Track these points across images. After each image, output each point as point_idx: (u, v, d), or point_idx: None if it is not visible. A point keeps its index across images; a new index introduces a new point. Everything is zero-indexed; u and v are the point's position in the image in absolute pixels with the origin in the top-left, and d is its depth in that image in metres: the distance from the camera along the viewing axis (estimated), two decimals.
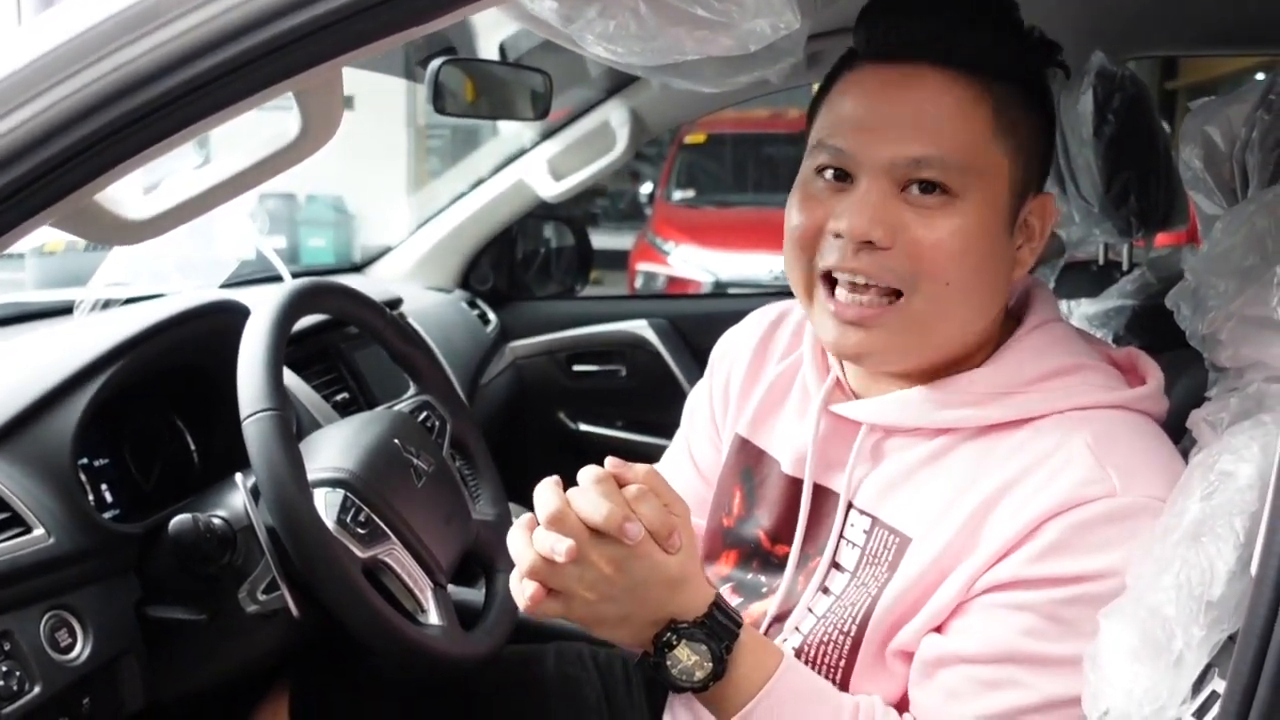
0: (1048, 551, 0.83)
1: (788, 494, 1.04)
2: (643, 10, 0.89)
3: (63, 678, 1.06)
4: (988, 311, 0.94)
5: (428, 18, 0.76)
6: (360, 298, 1.42)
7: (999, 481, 0.88)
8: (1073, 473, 0.85)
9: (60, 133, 0.76)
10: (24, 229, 0.81)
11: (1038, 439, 0.89)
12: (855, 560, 0.96)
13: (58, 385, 1.19)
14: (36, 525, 1.10)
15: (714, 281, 7.00)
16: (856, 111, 0.92)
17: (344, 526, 1.16)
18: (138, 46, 0.75)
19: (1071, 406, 0.89)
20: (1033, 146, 0.94)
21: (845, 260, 0.90)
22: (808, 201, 0.94)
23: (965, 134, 0.89)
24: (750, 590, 1.06)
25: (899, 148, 0.89)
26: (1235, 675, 0.66)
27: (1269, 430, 0.80)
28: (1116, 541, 0.82)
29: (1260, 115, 1.00)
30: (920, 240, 0.88)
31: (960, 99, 0.89)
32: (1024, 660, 0.84)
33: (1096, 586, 0.82)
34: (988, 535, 0.87)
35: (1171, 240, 2.84)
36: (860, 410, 0.98)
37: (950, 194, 0.89)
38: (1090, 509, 0.83)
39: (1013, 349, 0.94)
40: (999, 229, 0.92)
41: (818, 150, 0.94)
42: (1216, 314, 0.94)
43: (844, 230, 0.89)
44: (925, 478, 0.93)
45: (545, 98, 1.92)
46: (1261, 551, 0.66)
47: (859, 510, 0.97)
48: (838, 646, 0.94)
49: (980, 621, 0.86)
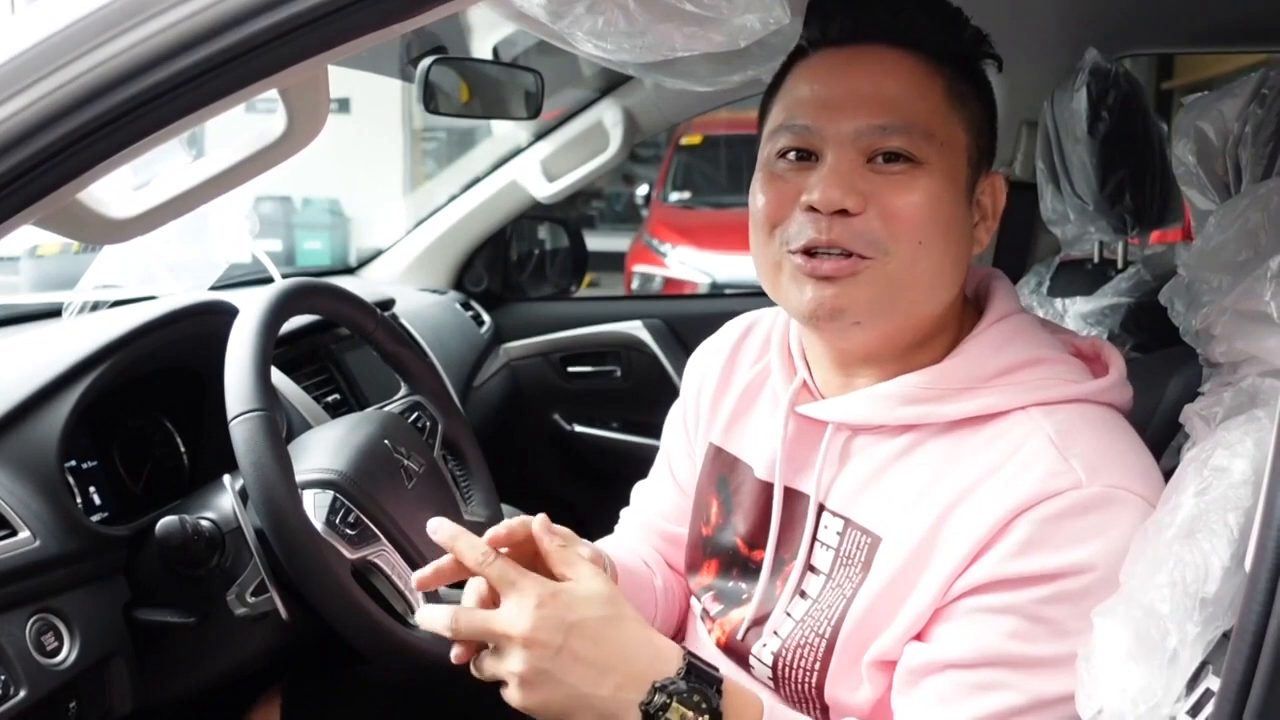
0: (1021, 549, 0.83)
1: (761, 499, 1.04)
2: (631, 6, 0.88)
3: (49, 681, 1.05)
4: (953, 283, 0.95)
5: (408, 14, 0.75)
6: (350, 298, 1.41)
7: (965, 479, 0.88)
8: (1037, 467, 0.85)
9: (39, 131, 0.75)
10: (4, 229, 0.80)
11: (1002, 435, 0.89)
12: (830, 562, 0.96)
13: (43, 387, 1.18)
14: (23, 528, 1.09)
15: (711, 283, 7.00)
16: (817, 91, 0.94)
17: (333, 528, 1.15)
18: (117, 44, 0.74)
19: (1034, 401, 0.90)
20: (981, 124, 0.96)
21: (820, 233, 0.90)
22: (772, 182, 0.95)
23: (924, 104, 0.91)
24: (731, 597, 1.05)
25: (863, 118, 0.91)
26: (1230, 672, 0.66)
27: (1263, 425, 0.80)
28: (1088, 534, 0.82)
29: (1253, 110, 1.00)
30: (891, 203, 0.90)
31: (915, 71, 0.92)
32: (1011, 662, 0.83)
33: (1074, 582, 0.82)
34: (957, 534, 0.86)
35: (1167, 238, 2.84)
36: (825, 410, 0.98)
37: (915, 162, 0.91)
38: (1057, 502, 0.83)
39: (974, 342, 0.95)
40: (960, 199, 0.94)
41: (778, 134, 0.95)
42: (1210, 309, 0.94)
43: (817, 201, 0.89)
44: (894, 475, 0.93)
45: (537, 97, 1.92)
46: (1255, 547, 0.65)
47: (831, 512, 0.97)
48: (813, 649, 0.94)
49: (964, 627, 0.86)
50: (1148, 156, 1.64)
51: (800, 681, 0.95)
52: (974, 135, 0.95)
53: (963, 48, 0.96)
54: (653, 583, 1.17)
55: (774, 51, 1.21)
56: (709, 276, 7.07)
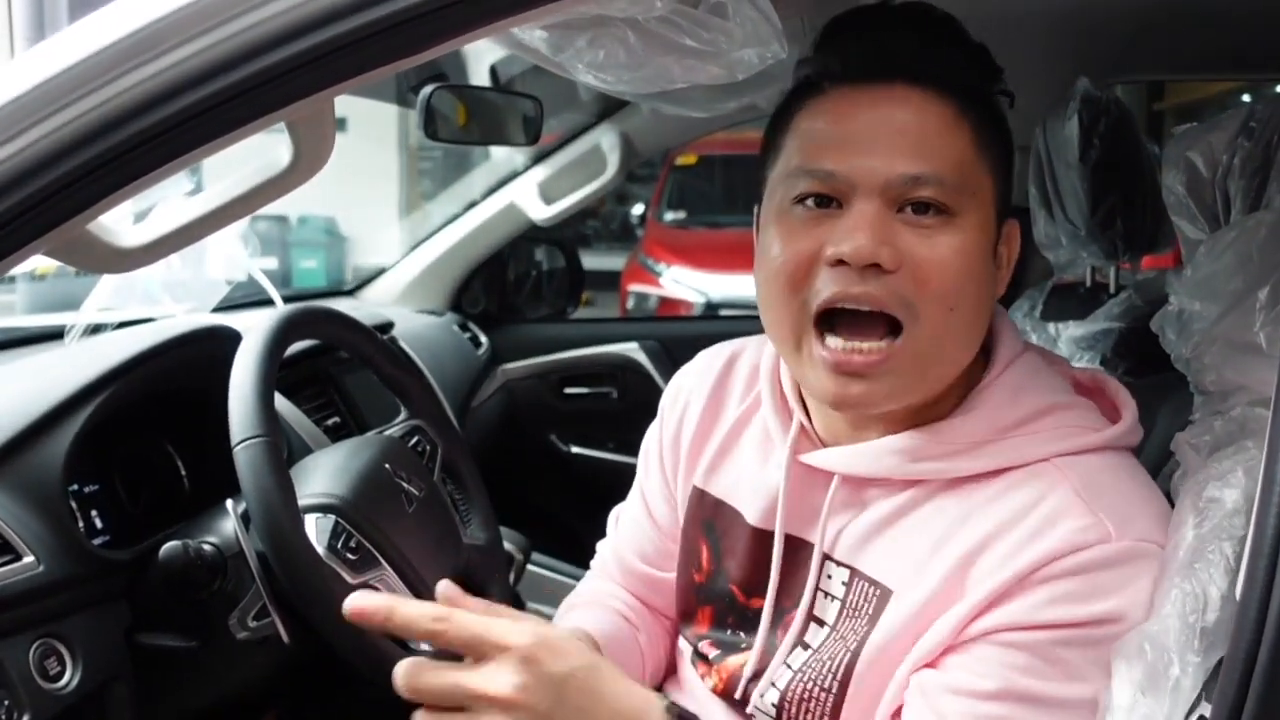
0: (1051, 600, 0.81)
1: (755, 546, 0.99)
2: (631, 40, 0.90)
3: (52, 706, 1.06)
4: (976, 344, 0.91)
5: (421, 49, 0.77)
6: (351, 323, 1.42)
7: (983, 531, 0.85)
8: (1066, 521, 0.82)
9: (53, 163, 0.76)
10: (16, 258, 0.81)
11: (1021, 487, 0.86)
12: (835, 613, 0.92)
13: (48, 412, 1.19)
14: (26, 553, 1.09)
15: (705, 302, 7.02)
16: (839, 133, 0.87)
17: (334, 552, 1.16)
18: (130, 78, 0.75)
19: (1055, 453, 0.87)
20: (1006, 170, 0.92)
21: (850, 287, 0.84)
22: (792, 233, 0.88)
23: (954, 151, 0.86)
24: (728, 646, 1.02)
25: (894, 165, 0.85)
26: (1221, 698, 0.67)
27: (1253, 455, 0.81)
28: (1115, 587, 0.81)
29: (1241, 142, 1.02)
30: (925, 261, 0.84)
31: (943, 115, 0.87)
32: (1020, 698, 0.81)
33: (1096, 631, 0.80)
34: (973, 585, 0.84)
35: (1159, 263, 2.86)
36: (833, 460, 0.93)
37: (948, 213, 0.85)
38: (1086, 555, 0.81)
39: (988, 393, 0.91)
40: (989, 253, 0.89)
41: (796, 178, 0.88)
42: (1200, 338, 0.95)
43: (847, 254, 0.83)
44: (904, 528, 0.90)
45: (536, 123, 1.93)
46: (1245, 576, 0.67)
47: (836, 561, 0.93)
48: (819, 704, 0.91)
49: (977, 657, 0.83)
50: (1139, 183, 1.66)
51: None
52: (1000, 182, 0.90)
53: (990, 86, 0.92)
54: (637, 641, 1.13)
55: (770, 80, 1.22)
56: (704, 296, 7.09)
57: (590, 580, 1.22)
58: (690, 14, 0.86)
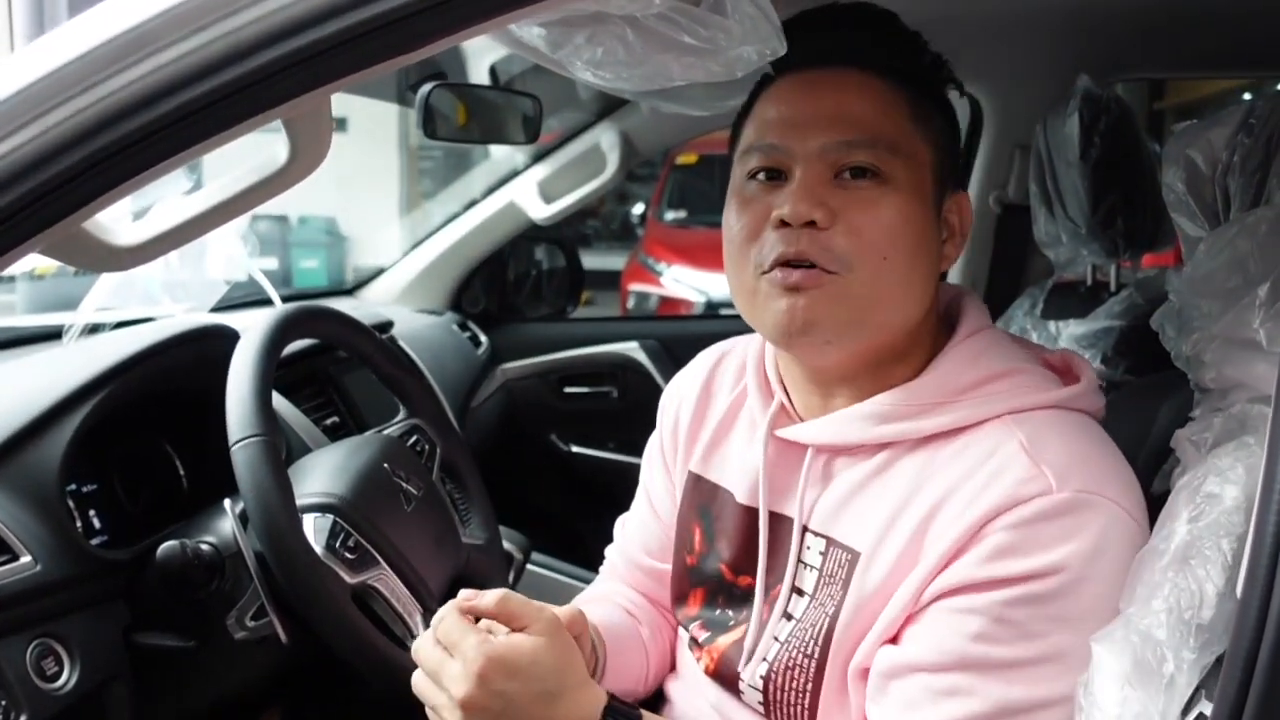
0: (991, 554, 0.84)
1: (743, 524, 1.04)
2: (630, 37, 0.90)
3: (49, 706, 1.06)
4: (921, 299, 0.97)
5: (417, 46, 0.76)
6: (350, 322, 1.42)
7: (939, 490, 0.89)
8: (1009, 474, 0.86)
9: (50, 159, 0.76)
10: (13, 256, 0.81)
11: (974, 445, 0.90)
12: (814, 582, 0.97)
13: (45, 411, 1.19)
14: (24, 552, 1.09)
15: (706, 301, 7.02)
16: (784, 112, 0.96)
17: (333, 552, 1.16)
18: (127, 75, 0.75)
19: (1006, 410, 0.91)
20: (946, 143, 0.99)
21: (789, 245, 0.92)
22: (745, 204, 0.97)
23: (888, 121, 0.94)
24: (718, 625, 1.05)
25: (830, 134, 0.93)
26: (1222, 697, 0.66)
27: (1253, 452, 0.81)
28: (1058, 538, 0.83)
29: (1241, 139, 1.01)
30: (858, 218, 0.92)
31: (879, 91, 0.95)
32: (974, 666, 0.84)
33: (1041, 585, 0.83)
34: (931, 544, 0.88)
35: (1160, 261, 2.86)
36: (804, 432, 0.99)
37: (881, 178, 0.93)
38: (1027, 508, 0.84)
39: (947, 358, 0.96)
40: (927, 216, 0.96)
41: (747, 156, 0.98)
42: (1200, 335, 0.95)
43: (787, 215, 0.92)
44: (872, 493, 0.94)
45: (535, 122, 1.93)
46: (1246, 573, 0.66)
47: (813, 532, 0.98)
48: (803, 670, 0.94)
49: (930, 628, 0.87)
50: (1139, 181, 1.66)
51: (792, 705, 0.95)
52: (939, 153, 0.97)
53: (923, 71, 1.00)
54: (640, 634, 1.17)
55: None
56: (704, 295, 7.09)
57: (597, 584, 1.26)
58: (689, 11, 0.86)
